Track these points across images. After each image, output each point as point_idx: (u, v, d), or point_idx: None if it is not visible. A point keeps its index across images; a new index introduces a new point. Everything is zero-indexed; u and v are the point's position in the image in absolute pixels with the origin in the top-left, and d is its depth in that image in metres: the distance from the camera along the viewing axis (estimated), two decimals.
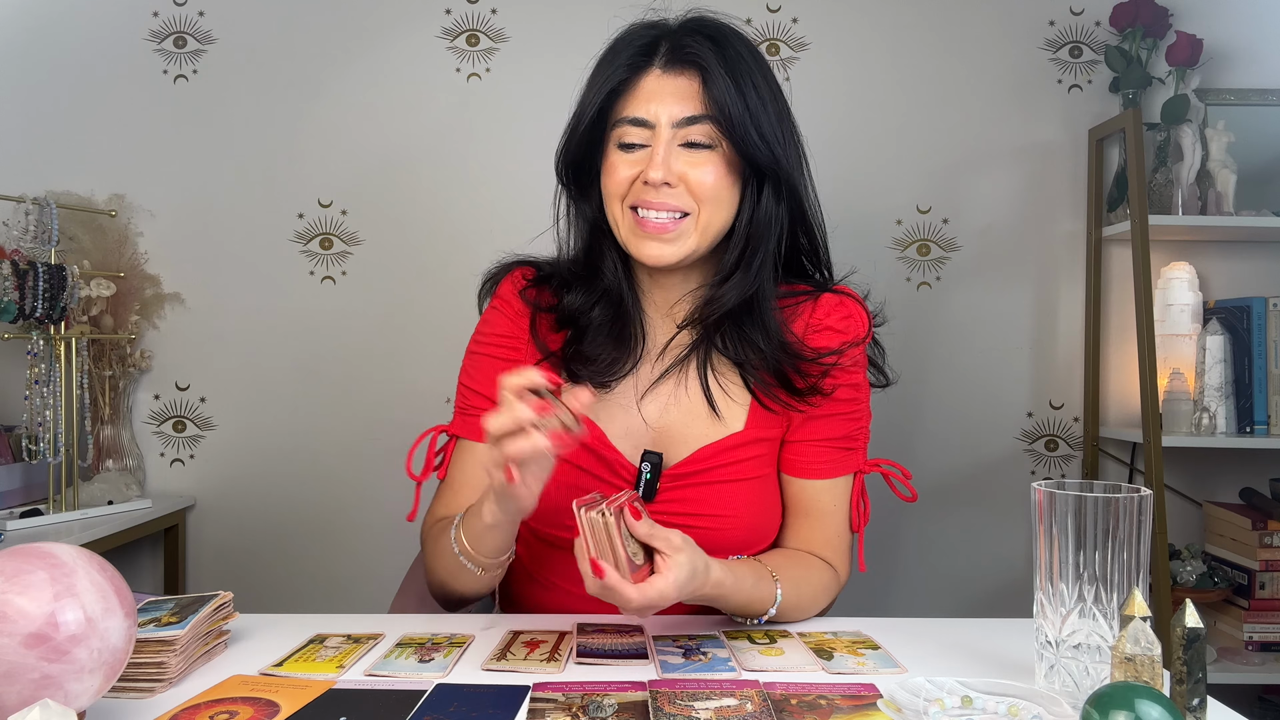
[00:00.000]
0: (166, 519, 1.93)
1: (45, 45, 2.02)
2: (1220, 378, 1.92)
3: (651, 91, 0.99)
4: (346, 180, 2.04)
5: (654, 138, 0.98)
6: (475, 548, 0.95)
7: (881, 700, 0.76)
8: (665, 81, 0.99)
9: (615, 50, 1.02)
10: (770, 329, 1.03)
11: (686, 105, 0.98)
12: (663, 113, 0.98)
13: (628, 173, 0.99)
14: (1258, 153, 2.01)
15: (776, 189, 1.03)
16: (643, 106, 0.99)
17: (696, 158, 0.98)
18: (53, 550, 0.66)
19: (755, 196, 1.02)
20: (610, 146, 1.01)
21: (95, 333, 1.84)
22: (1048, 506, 0.75)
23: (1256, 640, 1.89)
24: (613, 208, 1.02)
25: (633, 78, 1.00)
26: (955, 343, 2.07)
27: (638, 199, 0.99)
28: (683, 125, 0.98)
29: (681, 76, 0.99)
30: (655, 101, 0.98)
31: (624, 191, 1.00)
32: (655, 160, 0.97)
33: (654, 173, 0.97)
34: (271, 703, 0.75)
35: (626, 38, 1.02)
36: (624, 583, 0.81)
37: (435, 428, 1.11)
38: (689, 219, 0.99)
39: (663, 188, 0.97)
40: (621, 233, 1.02)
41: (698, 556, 0.86)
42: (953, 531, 2.07)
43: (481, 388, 1.09)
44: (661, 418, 1.06)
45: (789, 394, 1.04)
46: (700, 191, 0.99)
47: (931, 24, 2.06)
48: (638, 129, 0.99)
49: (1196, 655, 0.66)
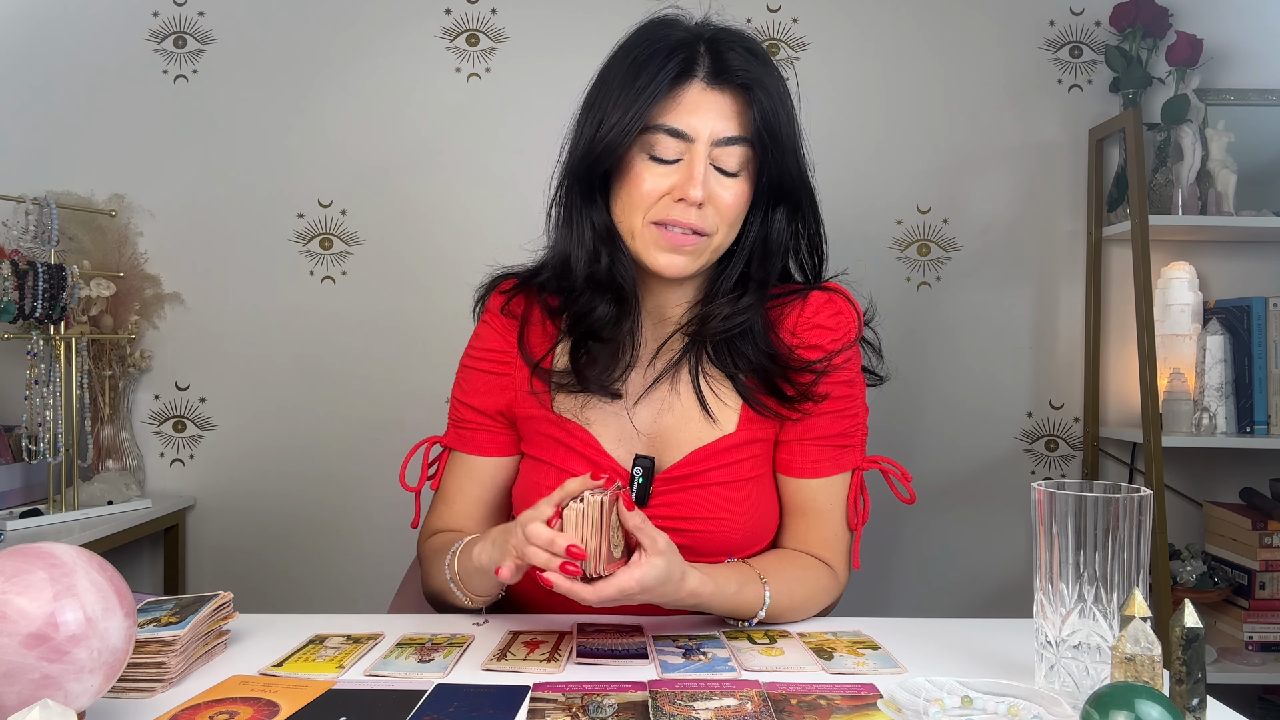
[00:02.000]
0: (166, 519, 1.93)
1: (45, 45, 2.02)
2: (1220, 378, 1.92)
3: (694, 104, 0.96)
4: (346, 180, 2.04)
5: (689, 152, 0.96)
6: (465, 583, 0.97)
7: (881, 700, 0.76)
8: (710, 96, 0.96)
9: (651, 52, 0.96)
10: (759, 340, 1.03)
11: (729, 124, 0.96)
12: (704, 128, 0.95)
13: (656, 186, 0.96)
14: (1258, 153, 2.01)
15: (792, 211, 1.03)
16: (684, 119, 0.95)
17: (727, 182, 0.97)
18: (53, 550, 0.66)
19: (767, 217, 1.02)
20: (636, 154, 0.97)
21: (95, 333, 1.84)
22: (1048, 506, 0.75)
23: (1256, 640, 1.89)
24: (632, 219, 0.98)
25: (674, 88, 0.96)
26: (955, 343, 2.07)
27: (665, 216, 0.96)
28: (721, 145, 0.96)
29: (725, 94, 0.96)
30: (697, 116, 0.95)
31: (651, 205, 0.97)
32: (695, 179, 0.94)
33: (694, 191, 0.94)
34: (271, 703, 0.75)
35: (657, 38, 0.98)
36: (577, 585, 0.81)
37: (429, 439, 1.12)
38: (707, 238, 0.98)
39: (694, 207, 0.96)
40: (637, 243, 0.99)
41: (675, 564, 0.85)
42: (953, 531, 2.07)
43: (474, 401, 1.09)
44: (654, 423, 1.05)
45: (779, 403, 1.04)
46: (726, 215, 0.98)
47: (931, 24, 2.06)
48: (674, 141, 0.96)
49: (1196, 655, 0.66)
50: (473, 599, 0.99)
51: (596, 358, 1.03)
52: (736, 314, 1.02)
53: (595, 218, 1.02)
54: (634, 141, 0.96)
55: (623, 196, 0.99)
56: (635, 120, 0.95)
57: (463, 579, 0.97)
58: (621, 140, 0.95)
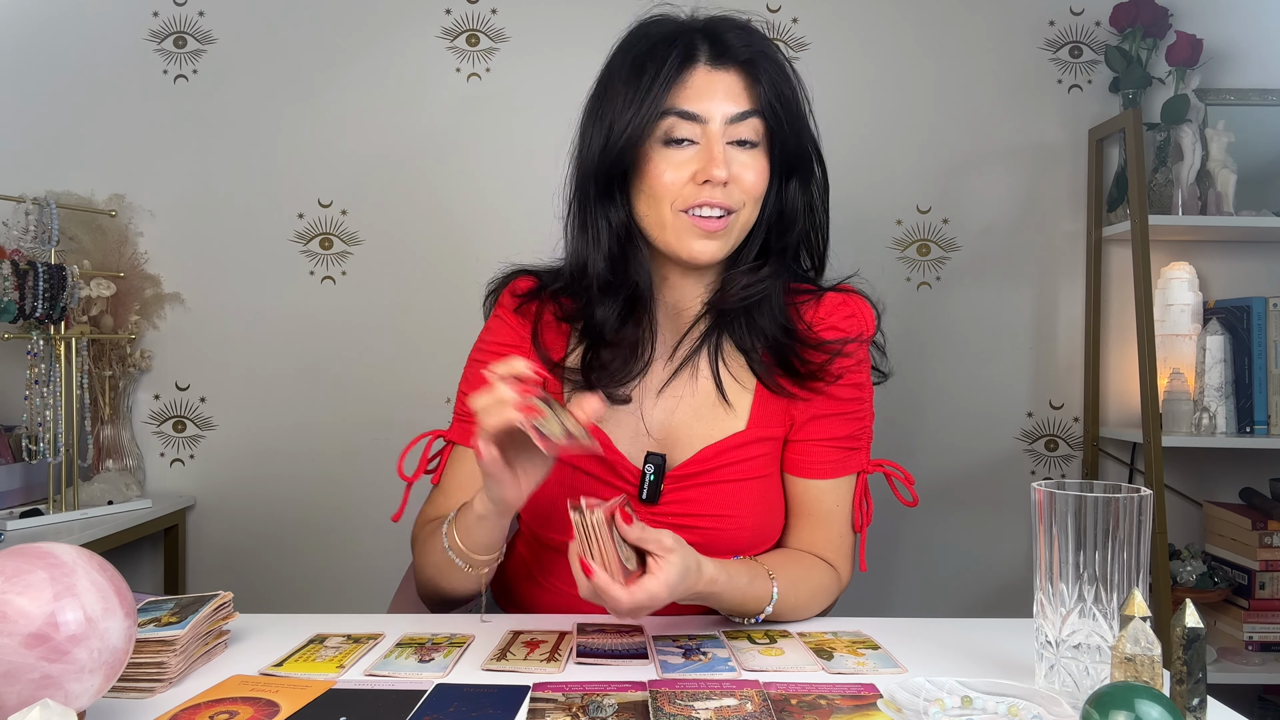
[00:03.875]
0: (166, 519, 1.93)
1: (45, 45, 2.02)
2: (1220, 378, 1.92)
3: (702, 87, 0.97)
4: (346, 180, 2.04)
5: (705, 134, 0.97)
6: (465, 542, 0.95)
7: (881, 700, 0.76)
8: (716, 77, 0.98)
9: (650, 45, 0.99)
10: (777, 313, 1.04)
11: (739, 101, 0.97)
12: (716, 109, 0.97)
13: (679, 173, 0.97)
14: (1258, 153, 2.01)
15: (804, 180, 1.04)
16: (695, 102, 0.97)
17: (746, 156, 0.98)
18: (53, 550, 0.66)
19: (782, 189, 1.03)
20: (653, 144, 0.98)
21: (95, 333, 1.84)
22: (1048, 506, 0.75)
23: (1256, 640, 1.89)
24: (660, 210, 0.99)
25: (680, 75, 0.98)
26: (955, 343, 2.07)
27: (694, 200, 0.97)
28: (735, 121, 0.97)
29: (730, 72, 0.98)
30: (707, 98, 0.97)
31: (676, 193, 0.98)
32: (716, 158, 0.96)
33: (717, 170, 0.95)
34: (271, 703, 0.75)
35: (653, 34, 1.00)
36: (613, 584, 0.81)
37: (432, 432, 1.11)
38: (733, 216, 0.99)
39: (720, 186, 0.97)
40: (668, 234, 0.99)
41: (689, 555, 0.86)
42: (953, 531, 2.06)
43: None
44: (667, 420, 1.06)
45: (791, 380, 1.04)
46: (749, 190, 0.99)
47: (931, 24, 2.06)
48: (688, 124, 0.97)
49: (1196, 655, 0.66)
50: (473, 562, 0.96)
51: (608, 363, 1.04)
52: (757, 282, 1.03)
53: (613, 217, 1.02)
54: (651, 131, 0.97)
55: (645, 191, 1.00)
56: (652, 110, 0.96)
57: (462, 538, 0.95)
58: (640, 133, 0.97)
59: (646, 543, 0.84)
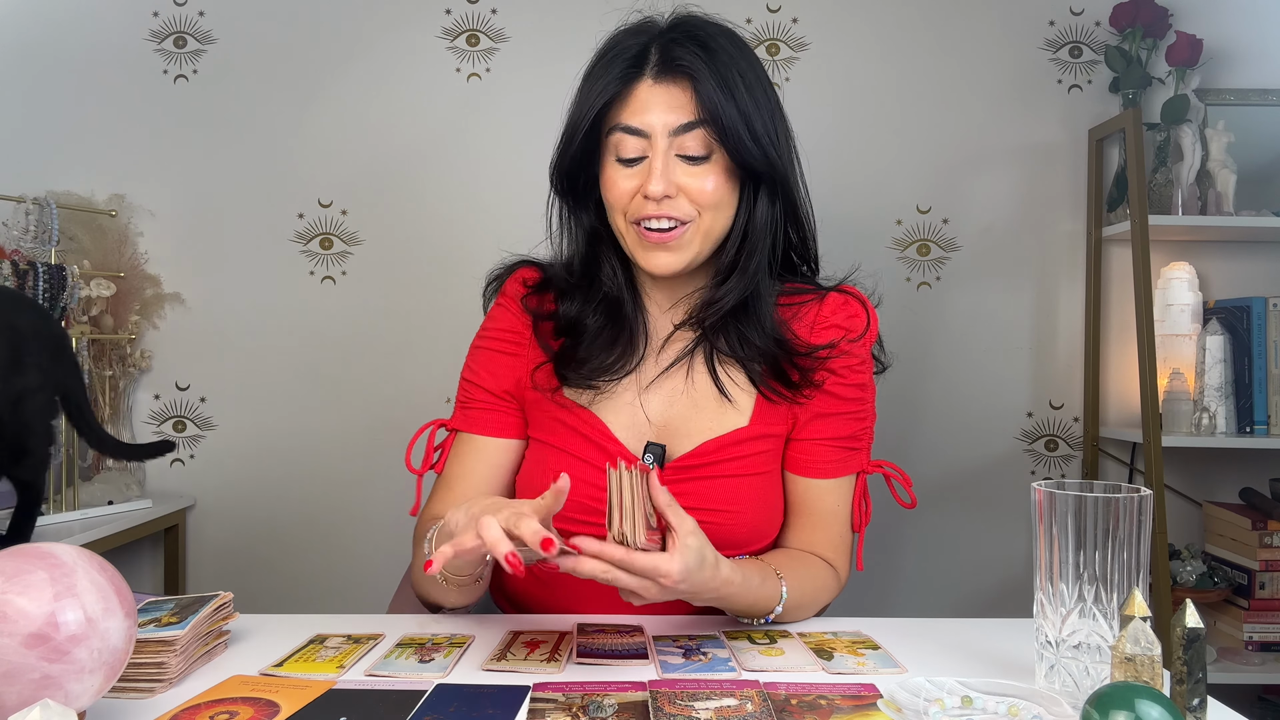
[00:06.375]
0: (166, 519, 1.93)
1: (45, 45, 2.02)
2: (1220, 378, 1.92)
3: (644, 102, 0.98)
4: (346, 180, 2.04)
5: (650, 148, 0.98)
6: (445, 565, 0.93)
7: (881, 700, 0.76)
8: (657, 91, 0.99)
9: (606, 61, 1.01)
10: (766, 326, 1.04)
11: (680, 113, 0.98)
12: (657, 122, 0.98)
13: (627, 186, 1.00)
14: (1258, 153, 2.01)
15: (771, 190, 1.03)
16: (637, 116, 0.98)
17: (695, 169, 0.99)
18: (53, 550, 0.66)
19: (752, 198, 1.03)
20: (608, 158, 1.01)
21: (95, 333, 1.84)
22: (1048, 506, 0.75)
23: (1256, 640, 1.89)
24: (616, 220, 1.03)
25: (625, 89, 0.99)
26: (955, 343, 2.07)
27: (639, 214, 0.99)
28: (678, 133, 0.98)
29: (674, 85, 0.98)
30: (649, 112, 0.98)
31: (625, 205, 1.01)
32: (654, 174, 0.97)
33: (654, 186, 0.97)
34: (271, 703, 0.75)
35: (615, 46, 1.02)
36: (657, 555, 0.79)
37: (435, 421, 1.11)
38: (691, 225, 1.00)
39: (664, 200, 0.98)
40: (628, 245, 1.03)
41: (707, 549, 0.85)
42: (953, 531, 2.07)
43: (484, 382, 1.10)
44: (666, 411, 1.06)
45: (787, 389, 1.04)
46: (701, 200, 0.99)
47: (932, 24, 2.06)
48: (633, 138, 0.99)
49: (1196, 655, 0.66)
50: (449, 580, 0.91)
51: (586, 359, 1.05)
52: (717, 299, 1.04)
53: (585, 220, 1.08)
54: (605, 145, 1.01)
55: (606, 201, 1.03)
56: (585, 119, 1.00)
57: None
58: (575, 141, 1.01)
59: (671, 512, 0.83)
